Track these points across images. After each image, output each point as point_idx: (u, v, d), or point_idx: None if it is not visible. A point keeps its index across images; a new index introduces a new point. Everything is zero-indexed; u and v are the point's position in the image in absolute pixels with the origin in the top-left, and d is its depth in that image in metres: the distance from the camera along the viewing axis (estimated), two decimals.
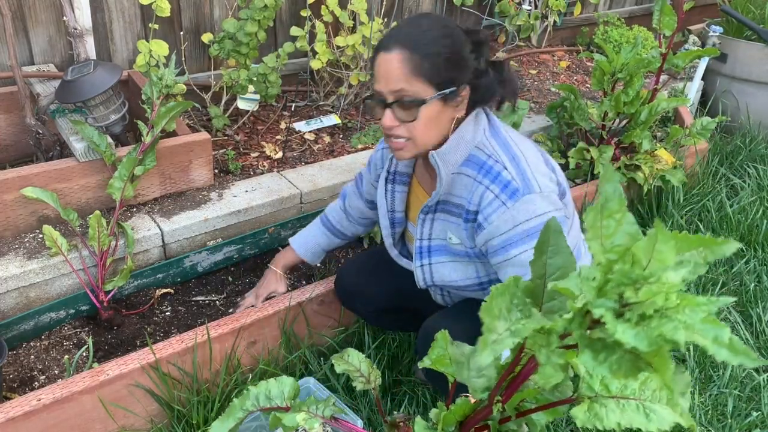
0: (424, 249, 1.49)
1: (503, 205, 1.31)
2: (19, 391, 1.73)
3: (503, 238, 1.32)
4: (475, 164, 1.37)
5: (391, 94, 1.30)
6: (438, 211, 1.45)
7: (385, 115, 1.32)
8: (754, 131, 3.69)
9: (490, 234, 1.33)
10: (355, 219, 1.87)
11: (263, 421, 1.63)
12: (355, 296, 1.78)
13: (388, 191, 1.58)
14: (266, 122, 2.91)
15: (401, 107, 1.30)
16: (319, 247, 1.90)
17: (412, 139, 1.33)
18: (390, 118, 1.31)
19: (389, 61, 1.28)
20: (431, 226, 1.47)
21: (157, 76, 2.07)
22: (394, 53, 1.28)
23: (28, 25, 2.41)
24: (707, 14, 4.46)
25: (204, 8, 2.81)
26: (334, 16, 2.88)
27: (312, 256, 1.91)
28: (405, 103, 1.29)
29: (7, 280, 1.82)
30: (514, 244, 1.31)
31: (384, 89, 1.31)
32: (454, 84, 1.30)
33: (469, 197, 1.37)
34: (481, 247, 1.38)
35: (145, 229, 2.06)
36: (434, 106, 1.30)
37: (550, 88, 3.72)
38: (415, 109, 1.29)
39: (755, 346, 2.14)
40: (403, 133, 1.33)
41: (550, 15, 4.09)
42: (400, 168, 1.56)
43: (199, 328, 1.69)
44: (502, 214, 1.31)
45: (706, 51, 2.77)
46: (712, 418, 1.87)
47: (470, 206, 1.37)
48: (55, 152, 2.26)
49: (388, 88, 1.30)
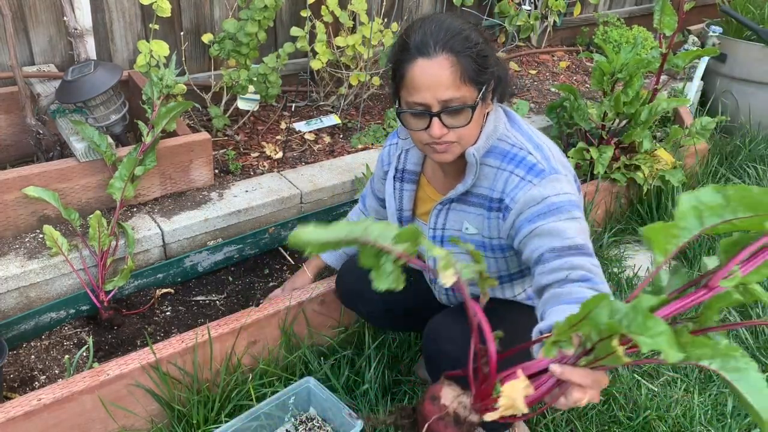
0: (437, 239, 1.49)
1: (529, 183, 1.30)
2: (19, 391, 1.73)
3: (530, 212, 1.29)
4: (498, 154, 1.36)
5: (440, 102, 1.24)
6: (454, 202, 1.44)
7: (434, 125, 1.26)
8: (753, 131, 3.69)
9: (518, 211, 1.32)
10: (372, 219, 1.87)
11: (263, 421, 1.64)
12: (356, 296, 1.78)
13: (397, 189, 1.57)
14: (266, 122, 2.91)
15: (451, 115, 1.25)
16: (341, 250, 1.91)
17: (459, 142, 1.31)
18: (439, 127, 1.26)
19: (434, 68, 1.22)
20: (446, 216, 1.47)
21: (157, 76, 2.07)
22: (440, 59, 1.22)
23: (28, 25, 2.41)
24: (707, 14, 4.47)
25: (204, 8, 2.81)
26: (334, 16, 2.89)
27: (334, 260, 1.92)
28: (456, 110, 1.25)
29: (7, 280, 1.82)
30: (542, 217, 1.27)
31: (429, 98, 1.24)
32: (488, 79, 1.29)
33: (492, 186, 1.36)
34: (510, 231, 1.36)
35: (145, 229, 2.06)
36: (480, 107, 1.29)
37: (550, 88, 3.72)
38: (467, 113, 1.26)
39: (755, 346, 2.14)
40: (452, 139, 1.29)
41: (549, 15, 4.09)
42: (409, 166, 1.55)
43: (199, 328, 1.70)
44: (528, 191, 1.30)
45: (705, 51, 2.78)
46: (712, 418, 1.87)
47: (494, 194, 1.36)
48: (55, 152, 2.26)
49: (437, 97, 1.23)
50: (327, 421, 1.72)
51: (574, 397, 0.88)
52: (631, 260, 2.57)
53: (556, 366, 0.87)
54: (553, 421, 1.80)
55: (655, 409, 1.85)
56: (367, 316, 1.83)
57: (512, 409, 0.88)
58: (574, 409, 1.83)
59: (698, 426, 1.83)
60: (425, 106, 1.26)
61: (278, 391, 1.69)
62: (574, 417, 1.81)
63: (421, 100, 1.26)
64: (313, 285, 1.89)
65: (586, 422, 1.81)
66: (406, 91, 1.28)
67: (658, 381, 1.98)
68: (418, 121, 1.29)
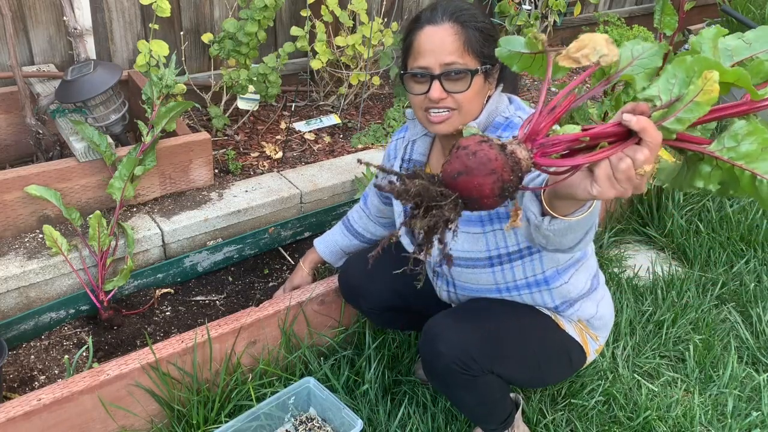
0: None
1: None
2: (19, 391, 1.73)
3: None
4: (496, 127, 1.40)
5: (441, 66, 1.32)
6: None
7: (434, 87, 1.32)
8: None
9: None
10: (374, 217, 1.90)
11: (263, 421, 1.63)
12: (358, 292, 1.78)
13: None
14: (266, 122, 2.91)
15: (451, 78, 1.32)
16: (337, 246, 1.94)
17: (458, 109, 1.35)
18: (439, 90, 1.33)
19: (440, 33, 1.31)
20: None
21: (157, 76, 2.07)
22: (446, 26, 1.31)
23: (28, 25, 2.41)
24: (707, 14, 4.46)
25: (204, 8, 2.81)
26: (334, 16, 2.88)
27: (331, 256, 1.95)
28: (457, 72, 1.31)
29: (7, 280, 1.82)
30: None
31: (432, 62, 1.32)
32: (492, 60, 1.34)
33: None
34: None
35: (145, 229, 2.06)
36: (480, 77, 1.34)
37: (550, 88, 3.72)
38: (467, 79, 1.32)
39: (755, 346, 2.14)
40: (450, 104, 1.35)
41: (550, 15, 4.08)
42: (415, 156, 1.58)
43: (199, 328, 1.69)
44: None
45: None
46: (712, 418, 1.87)
47: None
48: (55, 152, 2.26)
49: (439, 61, 1.31)
50: (327, 421, 1.72)
51: (643, 154, 0.81)
52: (631, 260, 2.57)
53: (628, 114, 0.83)
54: (554, 422, 1.80)
55: (656, 409, 1.85)
56: (368, 313, 1.83)
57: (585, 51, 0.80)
58: (574, 409, 1.83)
59: (698, 426, 1.83)
60: (428, 69, 1.33)
61: (278, 391, 1.69)
62: (574, 417, 1.81)
63: (424, 64, 1.33)
64: (312, 285, 1.89)
65: (587, 422, 1.81)
66: (412, 58, 1.36)
67: (659, 381, 1.98)
68: (420, 85, 1.36)
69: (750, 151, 0.80)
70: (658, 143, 0.83)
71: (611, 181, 0.84)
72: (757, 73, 0.86)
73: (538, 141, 0.82)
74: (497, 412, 1.59)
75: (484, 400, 1.51)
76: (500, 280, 1.50)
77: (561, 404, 1.85)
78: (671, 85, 0.84)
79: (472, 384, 1.43)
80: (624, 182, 0.84)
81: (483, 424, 1.65)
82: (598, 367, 1.97)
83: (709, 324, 2.20)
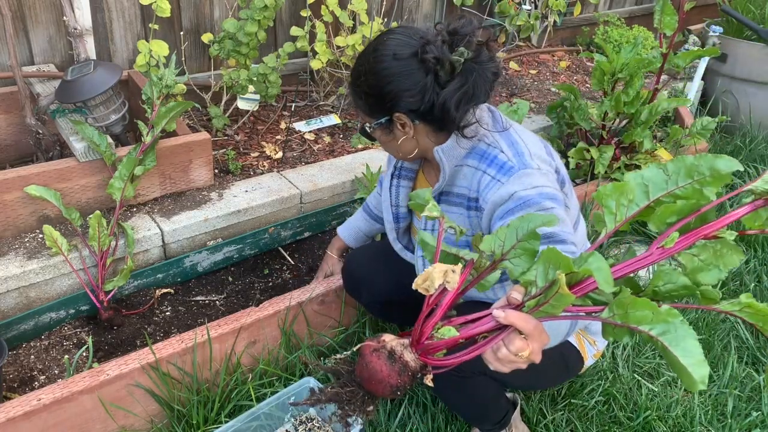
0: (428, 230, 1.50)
1: (498, 182, 1.33)
2: (19, 391, 1.73)
3: (501, 210, 1.32)
4: (477, 155, 1.40)
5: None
6: (440, 202, 1.47)
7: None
8: (754, 131, 3.69)
9: (490, 211, 1.35)
10: None
11: (263, 421, 1.63)
12: (361, 284, 1.79)
13: (394, 186, 1.63)
14: (266, 122, 2.91)
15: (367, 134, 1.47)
16: (360, 232, 1.98)
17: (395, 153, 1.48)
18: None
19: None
20: None
21: (157, 76, 2.07)
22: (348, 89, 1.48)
23: (28, 25, 2.41)
24: (707, 14, 4.46)
25: (204, 8, 2.81)
26: (334, 16, 2.89)
27: (355, 242, 1.99)
28: (363, 131, 1.46)
29: (7, 280, 1.82)
30: (511, 212, 1.29)
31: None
32: (386, 114, 1.37)
33: (470, 185, 1.41)
34: (487, 231, 1.39)
35: (145, 229, 2.06)
36: (378, 133, 1.43)
37: (550, 88, 3.72)
38: (374, 133, 1.44)
39: (755, 346, 2.14)
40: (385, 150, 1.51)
41: (550, 15, 4.09)
42: (406, 164, 1.61)
43: (199, 328, 1.69)
44: (497, 191, 1.32)
45: (706, 51, 2.77)
46: (712, 418, 1.87)
47: (471, 193, 1.41)
48: (55, 152, 2.26)
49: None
50: (327, 421, 1.72)
51: (516, 345, 0.87)
52: None
53: (498, 310, 0.88)
54: (554, 422, 1.80)
55: (656, 409, 1.85)
56: (369, 306, 1.84)
57: (428, 283, 0.91)
58: (574, 409, 1.83)
59: (698, 426, 1.83)
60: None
61: (278, 391, 1.69)
62: (574, 417, 1.81)
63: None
64: (312, 285, 1.89)
65: (587, 422, 1.81)
66: None
67: (659, 381, 1.98)
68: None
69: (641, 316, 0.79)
70: (531, 329, 0.86)
71: (500, 363, 0.90)
72: (670, 215, 0.84)
73: (421, 345, 0.95)
74: (491, 413, 1.59)
75: (475, 401, 1.52)
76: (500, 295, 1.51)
77: (561, 404, 1.85)
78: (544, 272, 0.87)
79: (461, 385, 1.44)
80: (510, 364, 0.90)
81: (478, 425, 1.65)
82: (598, 367, 1.97)
83: (709, 324, 2.20)
